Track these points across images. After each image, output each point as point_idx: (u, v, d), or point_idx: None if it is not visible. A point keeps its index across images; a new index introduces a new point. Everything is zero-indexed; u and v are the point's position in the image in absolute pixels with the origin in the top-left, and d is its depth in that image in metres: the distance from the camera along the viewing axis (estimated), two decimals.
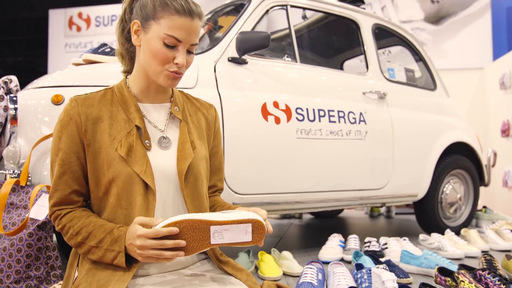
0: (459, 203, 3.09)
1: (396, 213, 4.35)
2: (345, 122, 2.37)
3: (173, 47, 1.05)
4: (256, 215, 0.99)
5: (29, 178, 1.65)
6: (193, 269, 1.14)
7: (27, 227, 1.50)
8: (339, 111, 2.35)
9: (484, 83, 5.53)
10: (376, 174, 2.53)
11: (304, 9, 2.62)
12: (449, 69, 5.43)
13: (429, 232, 2.85)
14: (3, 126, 1.81)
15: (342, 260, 2.22)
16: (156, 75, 1.08)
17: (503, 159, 4.64)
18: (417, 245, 2.53)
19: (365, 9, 2.76)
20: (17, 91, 1.86)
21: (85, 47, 6.90)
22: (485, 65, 5.58)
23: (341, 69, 3.36)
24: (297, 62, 2.33)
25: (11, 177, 1.65)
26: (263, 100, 2.10)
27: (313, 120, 2.24)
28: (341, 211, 4.36)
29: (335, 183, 2.35)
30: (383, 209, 4.36)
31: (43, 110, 1.70)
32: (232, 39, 2.11)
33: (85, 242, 1.02)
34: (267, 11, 2.24)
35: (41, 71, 8.21)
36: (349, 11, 2.63)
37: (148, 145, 1.08)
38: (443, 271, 1.75)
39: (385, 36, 2.97)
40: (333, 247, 2.30)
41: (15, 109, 1.69)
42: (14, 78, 1.88)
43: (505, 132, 4.82)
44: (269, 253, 2.12)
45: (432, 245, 2.44)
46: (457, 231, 2.91)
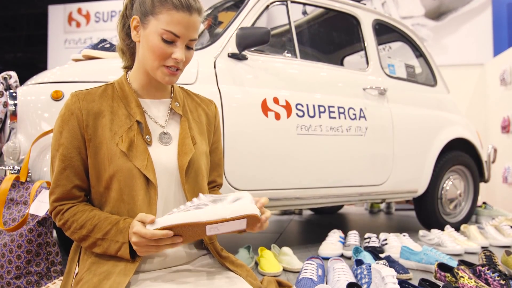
0: (459, 199, 3.09)
1: (396, 209, 4.36)
2: (345, 118, 2.36)
3: (171, 42, 1.04)
4: (252, 209, 0.97)
5: (29, 174, 1.65)
6: (194, 264, 1.14)
7: (27, 223, 1.50)
8: (339, 107, 2.35)
9: (484, 79, 5.53)
10: (376, 170, 2.53)
11: (304, 4, 2.61)
12: (449, 65, 5.42)
13: (429, 228, 2.85)
14: (3, 122, 1.80)
15: (342, 256, 2.22)
16: (154, 71, 1.07)
17: (503, 155, 4.64)
18: (417, 241, 2.53)
19: (365, 4, 2.75)
20: (17, 87, 1.86)
21: (84, 43, 6.88)
22: (486, 61, 5.57)
23: (342, 65, 3.35)
24: (297, 58, 2.33)
25: (11, 173, 1.65)
26: (263, 96, 2.10)
27: (313, 116, 2.24)
28: (341, 207, 4.36)
29: (335, 179, 2.35)
30: (383, 205, 4.37)
31: (42, 106, 1.70)
32: (232, 34, 2.10)
33: (90, 235, 1.02)
34: (267, 6, 2.24)
35: (41, 67, 8.19)
36: (349, 7, 2.62)
37: (149, 140, 1.09)
38: (442, 267, 1.76)
39: (386, 31, 2.96)
40: (333, 243, 2.31)
41: (15, 105, 1.69)
42: (13, 74, 1.88)
43: (505, 128, 4.82)
44: (269, 249, 2.12)
45: (432, 241, 2.45)
46: (457, 227, 2.91)
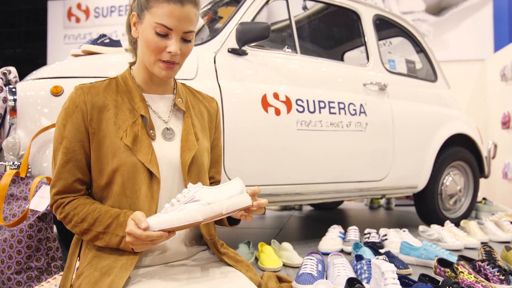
0: (459, 195, 3.09)
1: (396, 205, 4.36)
2: (346, 113, 2.36)
3: (165, 36, 1.04)
4: (246, 201, 0.97)
5: (29, 169, 1.65)
6: (194, 259, 1.15)
7: (28, 218, 1.50)
8: (339, 103, 2.35)
9: (485, 75, 5.51)
10: (376, 165, 2.53)
11: None
12: (450, 60, 5.41)
13: (428, 223, 2.86)
14: (3, 117, 1.80)
15: (342, 251, 2.22)
16: (151, 66, 1.07)
17: (503, 151, 4.64)
18: (417, 236, 2.53)
19: None
20: (16, 82, 1.85)
21: (84, 38, 6.86)
22: (486, 57, 5.56)
23: (342, 60, 3.34)
24: (297, 53, 2.32)
25: (11, 169, 1.65)
26: (263, 91, 2.09)
27: (314, 111, 2.23)
28: (341, 202, 4.37)
29: (335, 174, 2.35)
30: (383, 201, 4.37)
31: (42, 101, 1.69)
32: (232, 30, 2.09)
33: (91, 228, 1.02)
34: (267, 1, 2.23)
35: (40, 62, 8.17)
36: (349, 2, 2.61)
37: (153, 135, 1.09)
38: (442, 262, 1.76)
39: (386, 27, 2.95)
40: (333, 238, 2.31)
41: (14, 100, 1.69)
42: (13, 69, 1.87)
43: (505, 124, 4.82)
44: (269, 244, 2.12)
45: (431, 236, 2.45)
46: (456, 222, 2.92)
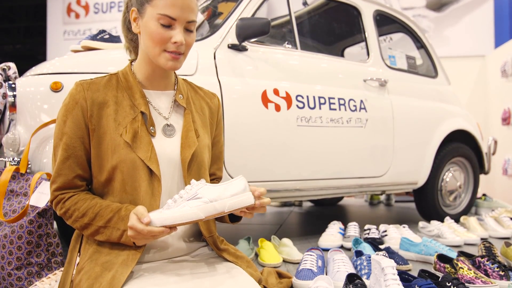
0: (459, 191, 3.09)
1: (395, 201, 4.37)
2: (346, 109, 2.36)
3: (169, 26, 1.04)
4: (249, 200, 0.97)
5: (29, 165, 1.65)
6: (195, 255, 1.15)
7: (28, 214, 1.50)
8: (339, 99, 2.34)
9: (485, 71, 5.51)
10: (376, 161, 2.52)
11: None
12: (450, 56, 5.40)
13: (428, 219, 2.86)
14: (2, 113, 1.80)
15: (341, 247, 2.23)
16: (156, 58, 1.07)
17: (503, 147, 4.64)
18: (417, 232, 2.54)
19: None
20: (16, 78, 1.85)
21: (83, 34, 6.84)
22: (487, 53, 5.55)
23: (342, 56, 3.33)
24: (297, 49, 2.31)
25: (11, 165, 1.65)
26: (263, 87, 2.09)
27: (314, 107, 2.23)
28: (341, 198, 4.37)
29: (335, 170, 2.35)
30: (383, 197, 4.38)
31: (42, 97, 1.69)
32: (232, 25, 2.09)
33: (92, 223, 1.02)
34: None
35: (40, 58, 8.16)
36: None
37: (153, 131, 1.09)
38: (442, 258, 1.76)
39: (387, 22, 2.94)
40: (333, 234, 2.31)
41: (14, 96, 1.68)
42: (12, 65, 1.87)
43: (505, 120, 4.81)
44: (269, 240, 2.13)
45: (431, 232, 2.45)
46: (456, 218, 2.92)
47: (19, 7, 9.34)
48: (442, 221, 2.69)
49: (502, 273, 1.58)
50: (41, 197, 1.52)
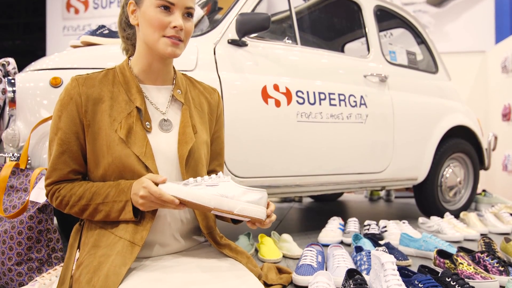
0: (459, 187, 3.09)
1: (395, 197, 4.37)
2: (346, 105, 2.35)
3: (167, 10, 1.05)
4: (260, 214, 0.97)
5: (29, 161, 1.65)
6: (194, 252, 1.14)
7: (28, 209, 1.50)
8: (339, 94, 2.34)
9: (486, 67, 5.49)
10: (376, 157, 2.52)
11: None
12: (451, 52, 5.39)
13: (428, 215, 2.86)
14: (2, 109, 1.79)
15: (341, 242, 2.23)
16: (155, 44, 1.06)
17: (504, 143, 4.64)
18: (417, 228, 2.54)
19: None
20: (15, 73, 1.84)
21: (83, 29, 6.82)
22: (487, 49, 5.54)
23: (342, 51, 3.33)
24: (297, 44, 2.31)
25: (11, 160, 1.65)
26: (263, 83, 2.08)
27: (314, 103, 2.22)
28: (341, 194, 4.37)
29: (335, 166, 2.35)
30: (382, 193, 4.38)
31: (41, 92, 1.69)
32: (232, 20, 2.08)
33: (90, 203, 1.02)
34: None
35: (40, 54, 8.14)
36: None
37: (148, 127, 1.08)
38: (442, 253, 1.76)
39: (387, 18, 2.93)
40: (332, 230, 2.32)
41: (14, 91, 1.68)
42: (11, 60, 1.86)
43: (506, 116, 4.81)
44: (269, 235, 2.13)
45: (431, 228, 2.46)
46: (456, 214, 2.92)
47: (18, 3, 9.31)
48: (442, 216, 2.70)
49: (501, 269, 1.58)
50: (41, 192, 1.52)
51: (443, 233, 2.35)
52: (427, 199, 2.92)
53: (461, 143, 3.05)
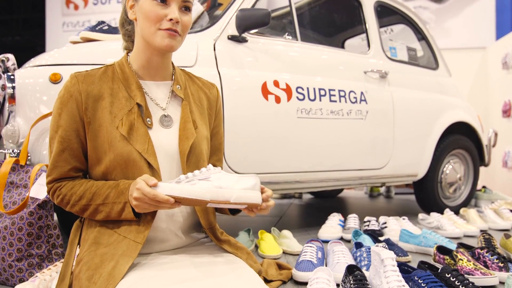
0: (459, 183, 3.09)
1: (395, 193, 4.37)
2: (346, 101, 2.35)
3: (164, 4, 1.04)
4: (256, 198, 0.98)
5: (29, 157, 1.65)
6: (194, 247, 1.14)
7: (28, 206, 1.50)
8: (340, 91, 2.33)
9: (486, 63, 5.48)
10: (376, 153, 2.52)
11: None
12: (451, 48, 5.37)
13: (428, 211, 2.86)
14: (1, 105, 1.79)
15: (341, 239, 2.23)
16: (152, 37, 1.06)
17: (504, 139, 4.63)
18: (416, 224, 2.54)
19: None
20: (15, 69, 1.84)
21: (82, 25, 6.81)
22: (488, 45, 5.52)
23: (343, 47, 3.32)
24: (298, 40, 2.30)
25: (11, 156, 1.65)
26: (263, 79, 2.08)
27: (314, 99, 2.22)
28: (341, 191, 4.38)
29: (335, 162, 2.35)
30: (382, 189, 4.38)
31: (41, 88, 1.68)
32: (231, 16, 2.07)
33: (91, 203, 1.02)
34: None
35: (39, 50, 8.12)
36: None
37: (149, 123, 1.08)
38: (441, 249, 1.77)
39: (388, 14, 2.92)
40: (332, 226, 2.32)
41: (13, 87, 1.68)
42: (11, 56, 1.86)
43: (506, 112, 4.80)
44: (269, 232, 2.13)
45: (431, 224, 2.46)
46: (456, 210, 2.93)
47: None
48: (441, 213, 2.70)
49: (501, 265, 1.58)
50: (41, 188, 1.52)
51: (443, 229, 2.35)
52: (427, 195, 2.92)
53: (461, 139, 3.05)
